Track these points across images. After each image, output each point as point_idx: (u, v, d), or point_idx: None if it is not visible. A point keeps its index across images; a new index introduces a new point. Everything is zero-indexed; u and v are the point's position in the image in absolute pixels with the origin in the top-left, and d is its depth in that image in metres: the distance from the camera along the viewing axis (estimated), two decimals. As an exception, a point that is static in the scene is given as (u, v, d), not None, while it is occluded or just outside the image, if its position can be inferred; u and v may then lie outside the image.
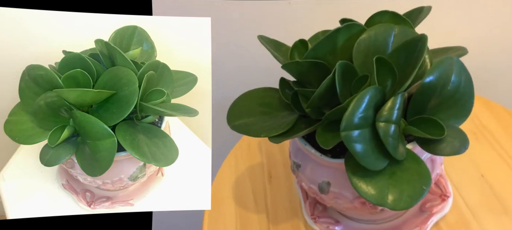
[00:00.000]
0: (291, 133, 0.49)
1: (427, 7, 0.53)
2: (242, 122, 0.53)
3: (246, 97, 0.55)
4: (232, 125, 0.53)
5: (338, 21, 0.52)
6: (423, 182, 0.44)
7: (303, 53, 0.51)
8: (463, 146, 0.45)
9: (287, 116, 0.52)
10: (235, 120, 0.54)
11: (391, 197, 0.43)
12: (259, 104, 0.54)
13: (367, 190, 0.44)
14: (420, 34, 0.46)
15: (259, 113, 0.53)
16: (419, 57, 0.45)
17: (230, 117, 0.54)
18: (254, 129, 0.52)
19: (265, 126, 0.51)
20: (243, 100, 0.55)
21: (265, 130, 0.51)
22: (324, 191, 0.51)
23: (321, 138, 0.46)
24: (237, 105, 0.55)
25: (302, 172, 0.53)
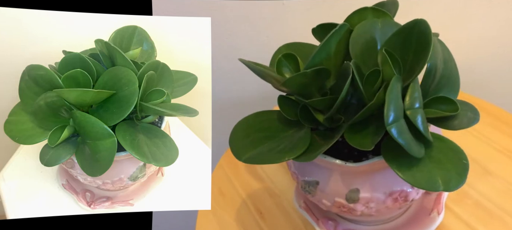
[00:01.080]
0: (315, 148, 0.47)
1: (396, 2, 0.54)
2: (253, 154, 0.49)
3: (240, 130, 0.52)
4: (245, 159, 0.48)
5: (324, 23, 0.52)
6: (460, 156, 0.45)
7: (294, 66, 0.50)
8: (477, 116, 0.47)
9: (295, 134, 0.49)
10: (244, 154, 0.49)
11: (441, 180, 0.43)
12: (258, 131, 0.51)
13: (419, 179, 0.43)
14: (413, 20, 0.46)
15: (263, 140, 0.50)
16: (427, 43, 0.45)
17: (237, 153, 0.49)
18: (270, 156, 0.48)
19: (279, 149, 0.48)
20: (239, 134, 0.51)
21: (283, 153, 0.47)
22: (354, 200, 0.50)
23: (357, 141, 0.45)
24: (236, 141, 0.51)
25: (322, 189, 0.51)
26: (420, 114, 0.45)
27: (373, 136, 0.45)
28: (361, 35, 0.48)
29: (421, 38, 0.45)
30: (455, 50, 0.51)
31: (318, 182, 0.51)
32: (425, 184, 0.43)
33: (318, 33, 0.53)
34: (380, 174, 0.49)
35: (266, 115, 0.52)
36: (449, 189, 0.43)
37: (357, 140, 0.45)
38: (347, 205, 0.50)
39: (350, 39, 0.48)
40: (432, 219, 0.56)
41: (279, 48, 0.56)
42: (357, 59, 0.48)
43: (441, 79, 0.49)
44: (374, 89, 0.46)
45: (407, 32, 0.47)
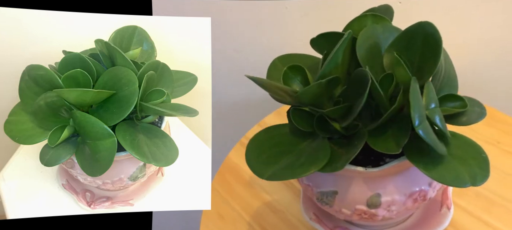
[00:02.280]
0: (336, 157, 0.46)
1: (390, 7, 0.54)
2: (274, 170, 0.47)
3: (253, 148, 0.50)
4: (268, 177, 0.47)
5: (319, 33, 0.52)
6: (478, 150, 0.46)
7: (302, 78, 0.50)
8: (484, 110, 0.49)
9: (310, 145, 0.48)
10: (265, 172, 0.47)
11: (468, 175, 0.44)
12: (272, 147, 0.49)
13: (447, 177, 0.44)
14: (417, 23, 0.47)
15: (280, 155, 0.48)
16: (437, 44, 0.46)
17: (258, 172, 0.47)
18: (293, 171, 0.46)
19: (300, 162, 0.46)
20: (253, 152, 0.49)
21: (305, 166, 0.46)
22: (376, 205, 0.49)
23: (382, 146, 0.45)
24: (253, 160, 0.49)
25: (342, 198, 0.50)
26: (438, 113, 0.45)
27: (397, 139, 0.45)
28: (366, 41, 0.49)
29: (429, 39, 0.46)
30: (455, 54, 0.52)
31: (337, 191, 0.50)
32: (453, 181, 0.44)
33: (317, 42, 0.52)
34: (399, 176, 0.49)
35: (276, 129, 0.51)
36: (476, 184, 0.43)
37: (382, 144, 0.45)
38: (369, 211, 0.50)
39: (357, 47, 0.48)
40: (444, 215, 0.57)
41: (274, 62, 0.56)
42: (367, 64, 0.48)
43: (442, 78, 0.49)
44: (389, 93, 0.47)
45: (410, 35, 0.47)
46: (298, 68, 0.50)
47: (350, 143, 0.47)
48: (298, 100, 0.48)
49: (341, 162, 0.45)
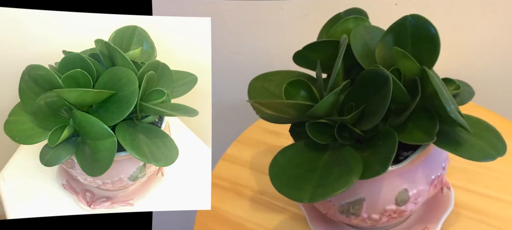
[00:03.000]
0: (370, 162, 0.45)
1: (361, 9, 0.55)
2: (313, 189, 0.44)
3: (277, 175, 0.47)
4: (310, 199, 0.44)
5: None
6: (487, 125, 0.48)
7: (307, 91, 0.49)
8: (472, 90, 0.52)
9: (333, 156, 0.47)
10: (304, 194, 0.44)
11: (491, 148, 0.46)
12: (296, 168, 0.47)
13: (476, 154, 0.46)
14: (403, 17, 0.48)
15: (308, 174, 0.46)
16: (432, 35, 0.47)
17: (297, 197, 0.45)
18: (333, 184, 0.44)
19: (336, 175, 0.45)
20: (279, 179, 0.47)
21: (345, 177, 0.44)
22: (404, 201, 0.49)
23: (414, 137, 0.45)
24: (285, 188, 0.46)
25: (370, 204, 0.49)
26: (451, 97, 0.46)
27: (427, 128, 0.45)
28: (358, 42, 0.50)
29: (420, 31, 0.47)
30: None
31: (364, 198, 0.49)
32: (482, 156, 0.46)
33: (302, 56, 0.52)
34: (420, 166, 0.49)
35: (290, 150, 0.49)
36: (500, 155, 0.46)
37: (411, 137, 0.45)
38: (399, 209, 0.50)
39: (353, 49, 0.49)
40: (447, 195, 0.57)
41: (251, 83, 0.55)
42: (365, 64, 0.49)
43: None
44: (404, 89, 0.47)
45: (398, 29, 0.48)
46: (299, 83, 0.50)
47: (373, 144, 0.46)
48: (312, 114, 0.47)
49: (382, 164, 0.43)
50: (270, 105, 0.48)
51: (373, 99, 0.46)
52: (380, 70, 0.45)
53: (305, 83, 0.50)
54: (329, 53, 0.50)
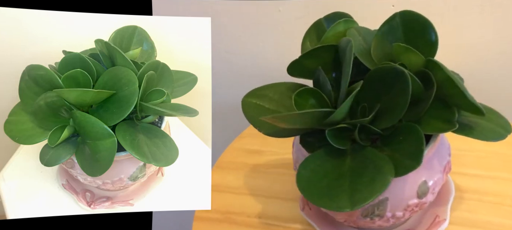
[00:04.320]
0: (396, 157, 0.45)
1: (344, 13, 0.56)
2: (351, 198, 0.43)
3: (307, 189, 0.46)
4: (354, 206, 0.43)
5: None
6: (487, 107, 0.49)
7: (318, 99, 0.49)
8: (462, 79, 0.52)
9: (356, 158, 0.47)
10: (345, 202, 0.43)
11: (500, 128, 0.49)
12: (322, 178, 0.46)
13: (490, 135, 0.48)
14: (392, 15, 0.50)
15: (339, 180, 0.46)
16: (426, 25, 0.49)
17: (337, 207, 0.44)
18: (372, 186, 0.44)
19: (369, 177, 0.44)
20: (311, 192, 0.46)
21: (382, 177, 0.44)
22: (425, 193, 0.49)
23: (435, 128, 0.46)
24: (321, 200, 0.45)
25: (394, 202, 0.49)
26: None
27: (447, 117, 0.46)
28: (355, 43, 0.50)
29: (412, 25, 0.49)
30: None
31: (387, 197, 0.49)
32: (494, 136, 0.48)
33: (298, 65, 0.51)
34: (433, 155, 0.50)
35: (312, 161, 0.48)
36: (508, 133, 0.48)
37: (432, 128, 0.46)
38: (420, 202, 0.50)
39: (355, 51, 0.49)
40: (449, 182, 0.58)
41: (244, 100, 0.54)
42: (366, 63, 0.49)
43: None
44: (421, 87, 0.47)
45: (390, 27, 0.50)
46: (308, 91, 0.49)
47: (392, 142, 0.46)
48: (332, 120, 0.46)
49: (414, 158, 0.43)
50: (286, 119, 0.47)
51: (387, 96, 0.45)
52: (394, 67, 0.45)
53: (314, 91, 0.49)
54: (324, 59, 0.50)
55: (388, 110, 0.46)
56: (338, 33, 0.51)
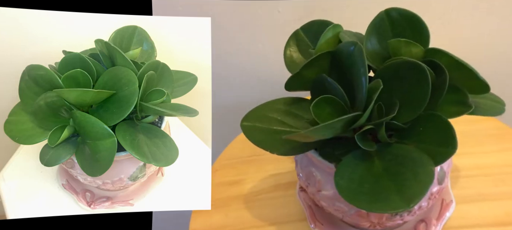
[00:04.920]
0: (429, 149, 0.45)
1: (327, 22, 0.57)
2: (404, 192, 0.43)
3: (353, 196, 0.45)
4: (412, 202, 0.42)
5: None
6: (491, 94, 0.51)
7: (331, 108, 0.48)
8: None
9: (385, 157, 0.46)
10: (399, 201, 0.43)
11: (498, 104, 0.51)
12: (364, 180, 0.46)
13: (493, 111, 0.50)
14: (379, 13, 0.51)
15: (380, 180, 0.45)
16: (422, 27, 0.50)
17: (398, 206, 0.43)
18: (420, 181, 0.43)
19: (412, 172, 0.44)
20: (358, 198, 0.45)
21: (425, 170, 0.43)
22: (443, 178, 0.50)
23: (450, 112, 0.47)
24: (367, 203, 0.44)
25: (428, 196, 0.51)
26: None
27: (461, 100, 0.47)
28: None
29: (399, 20, 0.50)
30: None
31: None
32: (497, 112, 0.50)
33: (298, 77, 0.51)
34: None
35: (344, 170, 0.47)
36: (505, 107, 0.51)
37: (451, 111, 0.47)
38: (440, 188, 0.51)
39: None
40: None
41: (243, 124, 0.53)
42: (378, 64, 0.50)
43: None
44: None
45: (378, 25, 0.51)
46: (325, 100, 0.48)
47: (413, 134, 0.46)
48: (359, 124, 0.46)
49: (448, 145, 0.44)
50: (318, 131, 0.45)
51: (401, 90, 0.46)
52: (407, 60, 0.45)
53: (329, 99, 0.48)
54: (322, 67, 0.50)
55: (407, 103, 0.46)
56: (329, 39, 0.51)
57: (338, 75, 0.49)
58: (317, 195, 0.53)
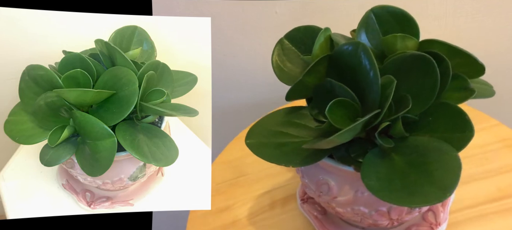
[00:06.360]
0: (464, 126, 0.46)
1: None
2: (436, 185, 0.43)
3: (386, 191, 0.45)
4: (449, 191, 0.42)
5: None
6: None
7: (345, 111, 0.48)
8: None
9: (405, 151, 0.46)
10: (436, 192, 0.42)
11: (491, 88, 0.52)
12: (394, 176, 0.45)
13: (487, 93, 0.52)
14: (369, 11, 0.52)
15: (407, 174, 0.45)
16: (410, 21, 0.51)
17: (435, 198, 0.42)
18: (451, 172, 0.43)
19: (440, 162, 0.44)
20: (393, 194, 0.44)
21: (450, 153, 0.44)
22: None
23: (454, 98, 0.48)
24: (403, 198, 0.44)
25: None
26: None
27: (463, 85, 0.47)
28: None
29: (386, 17, 0.51)
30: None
31: None
32: (490, 94, 0.51)
33: (300, 85, 0.51)
34: None
35: (369, 169, 0.46)
36: (492, 87, 0.53)
37: (455, 97, 0.47)
38: None
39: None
40: None
41: (249, 143, 0.52)
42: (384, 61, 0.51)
43: None
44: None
45: (366, 24, 0.52)
46: (338, 103, 0.47)
47: (423, 125, 0.47)
48: (378, 122, 0.46)
49: (468, 128, 0.45)
50: (343, 135, 0.45)
51: (407, 83, 0.46)
52: (411, 53, 0.46)
53: (341, 101, 0.47)
54: (320, 72, 0.50)
55: (416, 96, 0.46)
56: (322, 44, 0.51)
57: (338, 78, 0.48)
58: (332, 202, 0.51)
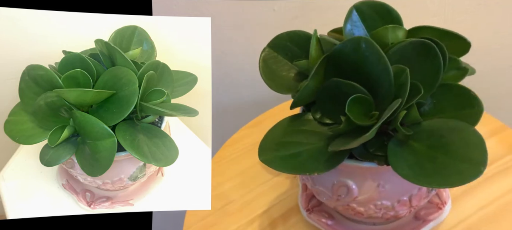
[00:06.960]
0: (474, 104, 0.47)
1: None
2: (467, 162, 0.43)
3: (421, 176, 0.45)
4: (483, 166, 0.43)
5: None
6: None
7: (365, 104, 0.48)
8: None
9: (422, 134, 0.47)
10: (471, 168, 0.43)
11: (471, 67, 0.52)
12: (423, 160, 0.46)
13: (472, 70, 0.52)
14: (348, 11, 0.53)
15: (434, 156, 0.45)
16: (391, 13, 0.53)
17: (470, 176, 0.43)
18: (477, 148, 0.44)
19: (464, 141, 0.45)
20: (431, 178, 0.45)
21: (473, 135, 0.44)
22: None
23: (454, 78, 0.50)
24: (444, 179, 0.44)
25: None
26: None
27: (456, 66, 0.49)
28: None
29: (369, 11, 0.52)
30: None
31: None
32: (473, 72, 0.51)
33: (305, 90, 0.51)
34: None
35: (400, 160, 0.46)
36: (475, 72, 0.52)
37: (455, 77, 0.49)
38: None
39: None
40: None
41: (262, 156, 0.51)
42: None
43: None
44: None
45: (351, 21, 0.53)
46: (354, 101, 0.47)
47: (432, 110, 0.48)
48: (398, 112, 0.47)
49: (477, 104, 0.46)
50: (372, 133, 0.45)
51: (411, 70, 0.46)
52: (411, 41, 0.47)
53: (358, 98, 0.47)
54: (320, 74, 0.50)
55: (420, 81, 0.46)
56: (315, 45, 0.52)
57: (339, 77, 0.49)
58: (352, 203, 0.51)
